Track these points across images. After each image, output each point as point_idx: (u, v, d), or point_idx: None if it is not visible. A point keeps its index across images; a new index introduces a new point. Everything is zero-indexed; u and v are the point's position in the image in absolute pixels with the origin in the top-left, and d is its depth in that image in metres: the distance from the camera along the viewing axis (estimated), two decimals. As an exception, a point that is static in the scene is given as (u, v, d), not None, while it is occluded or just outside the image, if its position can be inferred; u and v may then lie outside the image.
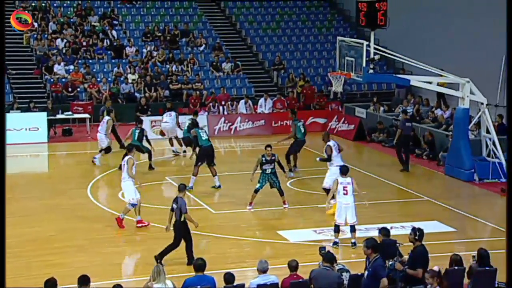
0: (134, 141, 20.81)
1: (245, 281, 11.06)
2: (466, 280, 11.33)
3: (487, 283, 11.13)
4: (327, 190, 17.11)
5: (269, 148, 17.05)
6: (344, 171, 14.99)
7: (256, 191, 17.09)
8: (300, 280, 10.70)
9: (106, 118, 22.42)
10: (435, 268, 10.69)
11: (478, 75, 22.22)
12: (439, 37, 28.93)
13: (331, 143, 17.65)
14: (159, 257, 13.34)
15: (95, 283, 10.00)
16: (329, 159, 17.47)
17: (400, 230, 15.08)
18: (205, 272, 10.53)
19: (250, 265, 13.34)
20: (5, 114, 11.54)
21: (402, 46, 26.60)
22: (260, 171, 17.08)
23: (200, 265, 10.56)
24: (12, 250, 14.18)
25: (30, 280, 12.67)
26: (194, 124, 20.96)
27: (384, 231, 11.95)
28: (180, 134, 22.73)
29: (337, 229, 14.75)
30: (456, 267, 11.26)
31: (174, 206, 13.63)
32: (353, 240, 14.60)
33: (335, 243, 14.66)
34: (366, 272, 10.88)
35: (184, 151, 22.81)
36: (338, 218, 14.68)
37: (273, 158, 17.02)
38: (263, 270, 10.72)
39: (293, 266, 10.83)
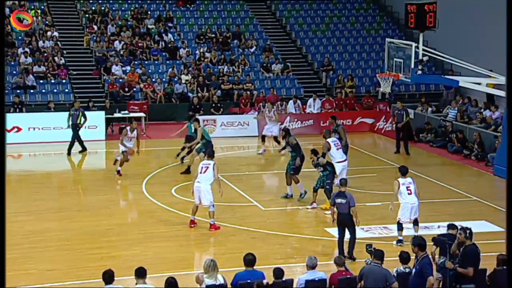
0: (191, 133, 20.80)
1: (293, 277, 11.13)
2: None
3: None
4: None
5: (312, 154, 17.19)
6: (403, 171, 14.85)
7: (314, 190, 17.22)
8: (348, 276, 10.79)
9: None
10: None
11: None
12: (488, 38, 28.70)
13: (330, 140, 17.70)
14: (349, 255, 13.67)
15: (148, 275, 10.22)
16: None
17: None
18: (254, 267, 10.63)
19: (298, 261, 13.59)
20: (5, 114, 11.49)
21: (451, 47, 26.54)
22: None
23: (250, 260, 10.62)
24: (70, 242, 14.82)
25: (87, 271, 13.07)
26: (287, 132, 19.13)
27: (451, 227, 12.07)
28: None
29: (400, 227, 14.73)
30: (504, 267, 11.14)
31: (342, 201, 13.72)
32: (415, 234, 14.45)
33: (399, 241, 14.70)
34: (414, 270, 10.95)
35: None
36: (402, 217, 14.66)
37: (316, 162, 17.15)
38: (312, 266, 10.79)
39: (341, 263, 10.99)
